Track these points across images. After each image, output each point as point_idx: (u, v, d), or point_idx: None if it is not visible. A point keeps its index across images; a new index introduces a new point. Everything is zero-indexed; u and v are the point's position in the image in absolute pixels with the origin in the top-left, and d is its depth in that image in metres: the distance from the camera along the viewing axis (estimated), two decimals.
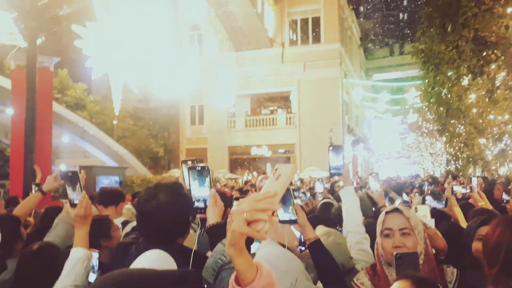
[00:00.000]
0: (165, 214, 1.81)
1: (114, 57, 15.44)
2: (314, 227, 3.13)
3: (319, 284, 2.00)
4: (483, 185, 6.03)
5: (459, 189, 4.41)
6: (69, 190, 2.06)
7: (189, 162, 1.94)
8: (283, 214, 1.92)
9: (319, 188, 3.89)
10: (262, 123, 28.94)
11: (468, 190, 4.20)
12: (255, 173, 22.99)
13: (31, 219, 3.95)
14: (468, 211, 3.74)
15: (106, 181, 6.30)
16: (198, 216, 1.88)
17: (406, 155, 37.78)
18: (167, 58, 18.42)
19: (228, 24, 25.67)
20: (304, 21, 28.69)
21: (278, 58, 28.49)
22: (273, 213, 2.00)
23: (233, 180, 21.26)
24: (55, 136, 16.36)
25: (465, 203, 4.10)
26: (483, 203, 3.93)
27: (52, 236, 2.50)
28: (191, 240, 1.96)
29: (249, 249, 2.82)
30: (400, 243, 1.79)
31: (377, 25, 48.40)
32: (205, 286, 1.61)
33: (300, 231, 1.97)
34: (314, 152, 25.24)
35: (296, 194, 4.04)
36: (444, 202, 3.66)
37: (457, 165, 10.00)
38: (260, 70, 28.10)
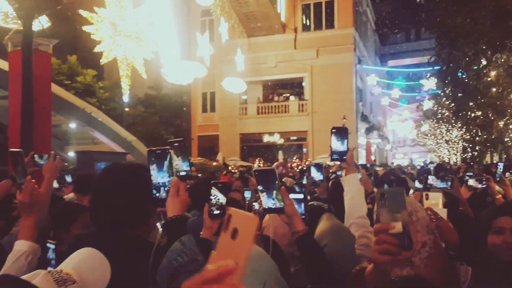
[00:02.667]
0: (118, 198, 1.54)
1: (123, 42, 15.27)
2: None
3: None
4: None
5: (474, 184, 3.82)
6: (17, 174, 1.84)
7: (159, 152, 1.66)
8: (267, 201, 1.64)
9: (314, 174, 3.24)
10: (274, 110, 28.64)
11: (485, 185, 3.75)
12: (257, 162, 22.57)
13: None
14: (483, 201, 3.37)
15: None
16: (159, 210, 1.61)
17: (422, 142, 37.04)
18: (179, 44, 18.18)
19: (240, 9, 25.24)
20: (317, 6, 28.08)
21: (291, 44, 28.02)
22: (257, 200, 1.74)
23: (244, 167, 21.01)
24: (63, 123, 16.36)
25: (480, 193, 3.71)
26: (500, 196, 3.55)
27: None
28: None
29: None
30: None
31: (392, 9, 47.24)
32: None
33: (286, 222, 1.66)
34: (327, 139, 24.78)
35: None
36: (449, 183, 3.21)
37: (473, 152, 9.39)
38: (272, 56, 27.71)
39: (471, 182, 3.69)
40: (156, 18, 16.16)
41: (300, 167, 16.53)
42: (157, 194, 1.54)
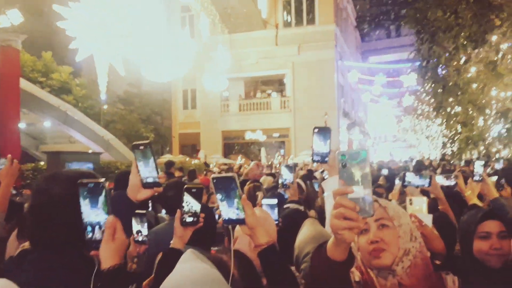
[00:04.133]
0: (57, 212, 1.32)
1: (99, 38, 14.88)
2: None
3: None
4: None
5: (441, 181, 3.61)
6: None
7: (91, 185, 1.33)
8: (227, 211, 1.48)
9: (286, 175, 3.20)
10: (256, 107, 28.54)
11: (453, 182, 3.65)
12: (239, 159, 22.29)
13: None
14: (455, 202, 3.24)
15: None
16: (92, 253, 1.31)
17: (402, 138, 37.46)
18: (158, 40, 17.83)
19: (220, 5, 24.98)
20: (298, 1, 28.02)
21: (272, 40, 27.90)
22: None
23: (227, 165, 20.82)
24: (38, 121, 15.90)
25: (452, 192, 3.59)
26: (470, 192, 3.44)
27: None
28: None
29: (209, 248, 2.35)
30: (377, 237, 1.44)
31: (373, 6, 47.57)
32: None
33: (248, 234, 1.51)
34: (309, 136, 24.73)
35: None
36: (428, 181, 3.00)
37: (453, 148, 9.38)
38: (254, 52, 27.57)
39: (439, 179, 3.56)
40: (135, 13, 15.80)
41: (282, 164, 16.39)
42: (90, 235, 1.29)
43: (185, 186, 1.76)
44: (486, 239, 1.98)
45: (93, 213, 1.28)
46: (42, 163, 15.08)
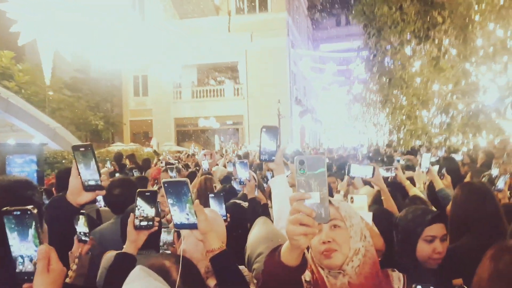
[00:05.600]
0: None
1: (43, 21, 14.13)
2: None
3: None
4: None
5: (382, 172, 3.64)
6: None
7: (17, 213, 1.18)
8: (179, 215, 1.47)
9: (240, 172, 3.25)
10: (210, 94, 28.33)
11: (393, 174, 3.83)
12: (192, 146, 21.97)
13: None
14: (397, 191, 3.40)
15: (20, 161, 5.37)
16: (25, 286, 1.15)
17: (352, 125, 38.48)
18: (106, 24, 17.16)
19: None
20: None
21: (225, 27, 27.66)
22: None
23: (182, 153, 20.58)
24: None
25: (392, 182, 3.77)
26: (408, 182, 3.64)
27: None
28: None
29: (157, 247, 2.33)
30: (329, 238, 1.46)
31: None
32: None
33: (200, 239, 1.52)
34: (263, 123, 24.79)
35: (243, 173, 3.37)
36: (372, 171, 3.04)
37: (399, 135, 9.78)
38: (207, 39, 27.18)
39: (380, 170, 3.69)
40: None
41: (235, 152, 16.48)
42: (21, 267, 1.15)
43: (138, 190, 1.72)
44: (430, 243, 2.06)
45: (23, 246, 1.14)
46: None
